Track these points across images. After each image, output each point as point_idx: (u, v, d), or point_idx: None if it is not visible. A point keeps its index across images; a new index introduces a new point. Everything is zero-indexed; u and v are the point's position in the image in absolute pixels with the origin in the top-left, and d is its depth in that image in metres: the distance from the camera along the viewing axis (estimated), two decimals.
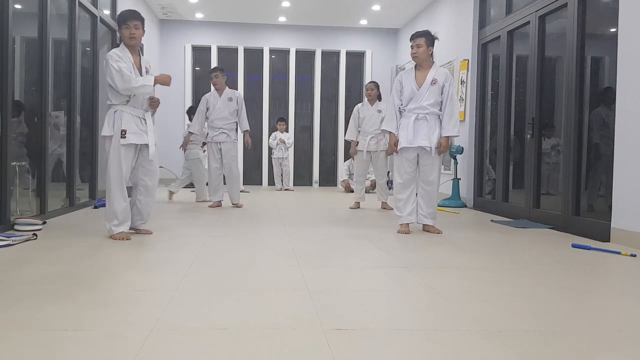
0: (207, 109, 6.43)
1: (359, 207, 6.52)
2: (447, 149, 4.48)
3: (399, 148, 4.41)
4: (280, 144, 9.58)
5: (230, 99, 6.43)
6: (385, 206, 6.46)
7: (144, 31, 3.98)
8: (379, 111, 6.33)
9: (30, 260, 3.15)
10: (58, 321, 2.01)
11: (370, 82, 6.67)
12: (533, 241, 4.23)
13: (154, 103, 4.01)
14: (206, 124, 6.51)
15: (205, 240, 3.90)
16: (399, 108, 4.47)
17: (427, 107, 4.36)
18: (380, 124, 5.92)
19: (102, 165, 6.69)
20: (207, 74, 6.87)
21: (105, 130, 3.86)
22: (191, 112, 7.38)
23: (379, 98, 6.54)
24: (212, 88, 6.56)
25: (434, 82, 4.37)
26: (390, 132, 4.49)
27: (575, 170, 4.84)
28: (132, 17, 3.91)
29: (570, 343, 1.91)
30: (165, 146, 7.96)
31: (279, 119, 9.87)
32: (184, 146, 6.93)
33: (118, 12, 7.18)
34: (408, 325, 2.06)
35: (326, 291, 2.53)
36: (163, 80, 3.92)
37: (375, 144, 6.40)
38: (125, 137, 3.81)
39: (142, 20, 3.96)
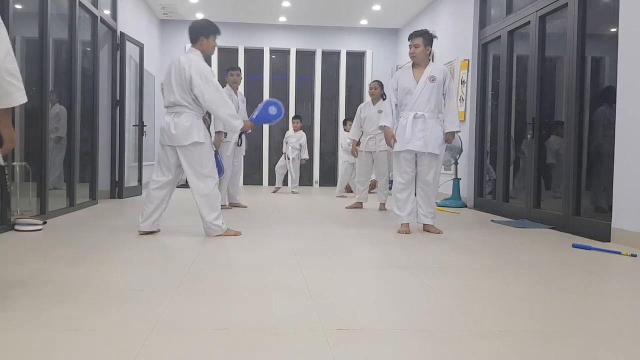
0: None
1: (360, 207, 6.51)
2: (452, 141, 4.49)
3: (396, 150, 4.40)
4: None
5: None
6: (382, 208, 6.40)
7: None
8: (380, 111, 6.28)
9: (31, 260, 3.15)
10: (58, 321, 2.01)
11: (374, 80, 6.60)
12: (533, 241, 4.23)
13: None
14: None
15: (206, 240, 3.90)
16: (395, 105, 4.47)
17: (425, 106, 4.33)
18: None
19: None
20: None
21: (201, 137, 3.97)
22: None
23: (383, 97, 6.42)
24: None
25: (431, 78, 4.34)
26: (385, 125, 4.46)
27: (575, 170, 4.83)
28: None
29: (571, 343, 1.91)
30: None
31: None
32: None
33: (118, 12, 7.24)
34: (408, 325, 2.06)
35: (326, 291, 2.54)
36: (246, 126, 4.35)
37: (374, 144, 6.35)
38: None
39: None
